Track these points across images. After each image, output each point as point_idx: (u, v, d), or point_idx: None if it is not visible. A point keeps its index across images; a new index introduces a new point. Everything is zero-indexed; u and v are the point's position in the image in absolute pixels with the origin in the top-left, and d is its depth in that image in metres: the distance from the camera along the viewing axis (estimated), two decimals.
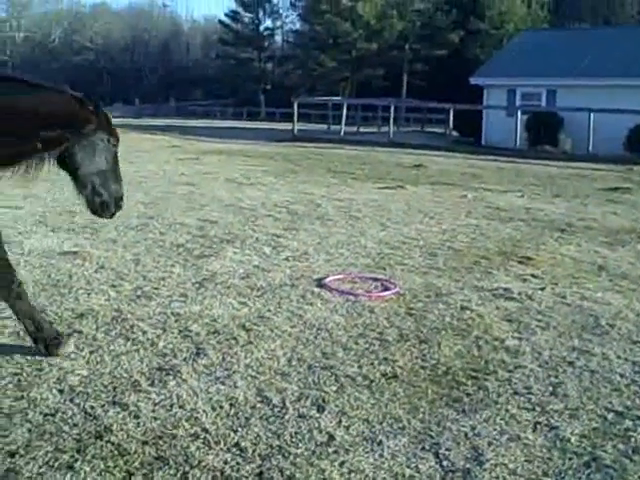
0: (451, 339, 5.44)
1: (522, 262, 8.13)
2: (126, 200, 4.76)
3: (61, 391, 4.21)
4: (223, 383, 4.43)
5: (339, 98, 43.09)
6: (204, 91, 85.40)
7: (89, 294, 6.13)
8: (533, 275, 7.55)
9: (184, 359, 4.79)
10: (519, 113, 29.45)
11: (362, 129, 39.21)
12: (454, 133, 33.99)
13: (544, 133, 29.21)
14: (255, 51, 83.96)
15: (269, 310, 5.95)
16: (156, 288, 6.39)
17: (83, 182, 4.46)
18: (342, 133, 32.72)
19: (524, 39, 39.59)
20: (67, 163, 4.44)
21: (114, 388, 4.28)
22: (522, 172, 20.01)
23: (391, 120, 31.57)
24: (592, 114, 26.82)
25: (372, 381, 4.58)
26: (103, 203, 4.52)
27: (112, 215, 4.69)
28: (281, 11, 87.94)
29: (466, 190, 14.68)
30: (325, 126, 40.26)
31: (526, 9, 66.10)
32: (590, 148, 26.56)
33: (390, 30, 72.80)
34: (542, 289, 6.97)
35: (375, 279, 7.11)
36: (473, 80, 34.71)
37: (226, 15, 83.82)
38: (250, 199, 11.85)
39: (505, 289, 6.89)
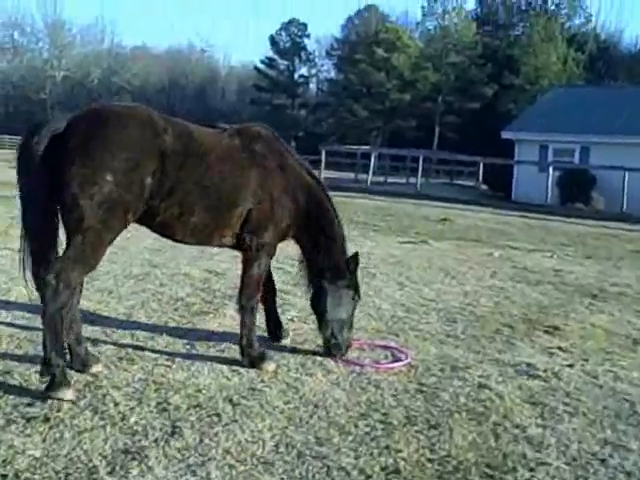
0: (465, 425, 4.78)
1: (549, 332, 7.46)
2: (132, 246, 4.37)
3: (4, 477, 3.63)
4: (194, 473, 3.81)
5: (368, 147, 42.88)
6: None
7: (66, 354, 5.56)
8: (560, 348, 6.87)
9: (155, 440, 4.19)
10: (551, 169, 28.83)
11: (390, 179, 38.83)
12: (484, 187, 33.42)
13: (576, 191, 28.54)
14: (289, 98, 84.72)
15: (262, 381, 5.34)
16: (142, 349, 5.81)
17: (326, 325, 5.95)
18: (369, 183, 32.33)
19: (558, 94, 39.16)
20: (316, 304, 6.02)
21: (66, 476, 3.69)
22: (552, 230, 19.32)
23: (419, 171, 31.15)
24: (627, 173, 26.11)
25: (369, 477, 3.94)
26: (337, 346, 5.92)
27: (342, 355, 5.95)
28: (317, 59, 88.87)
29: (493, 248, 14.04)
30: (353, 175, 39.92)
31: (561, 65, 65.92)
32: (624, 207, 25.79)
33: (424, 82, 73.04)
34: (570, 366, 6.29)
35: (385, 347, 6.48)
36: (504, 134, 34.22)
37: (262, 62, 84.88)
38: None
39: (529, 364, 6.22)
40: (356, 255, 6.06)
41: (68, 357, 5.17)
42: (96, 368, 5.19)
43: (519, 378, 5.85)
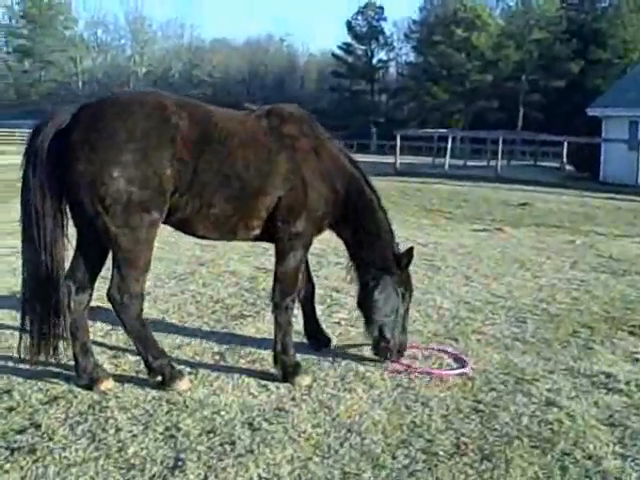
0: (526, 454, 4.00)
1: (634, 333, 6.54)
2: (182, 242, 4.12)
3: None
4: None
5: (445, 130, 41.55)
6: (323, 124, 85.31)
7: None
8: None
9: (152, 476, 3.59)
10: None
11: (470, 163, 37.48)
12: (569, 168, 31.72)
13: None
14: (368, 84, 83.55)
15: (293, 398, 4.68)
16: None
17: (373, 324, 5.29)
18: (446, 167, 31.18)
19: None
20: (364, 303, 5.34)
21: None
22: None
23: (499, 154, 29.75)
24: None
25: None
26: (387, 349, 5.27)
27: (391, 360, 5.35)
28: (395, 43, 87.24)
29: (575, 234, 12.96)
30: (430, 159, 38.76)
31: None
32: None
33: (506, 61, 70.65)
34: None
35: (444, 351, 5.73)
36: (590, 111, 32.35)
37: (339, 48, 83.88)
38: (322, 242, 10.58)
39: (608, 375, 5.35)
40: (410, 250, 5.40)
41: (74, 371, 4.68)
42: (105, 385, 4.65)
43: (596, 392, 5.00)
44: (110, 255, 4.58)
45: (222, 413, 4.38)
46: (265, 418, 4.34)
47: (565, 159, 29.98)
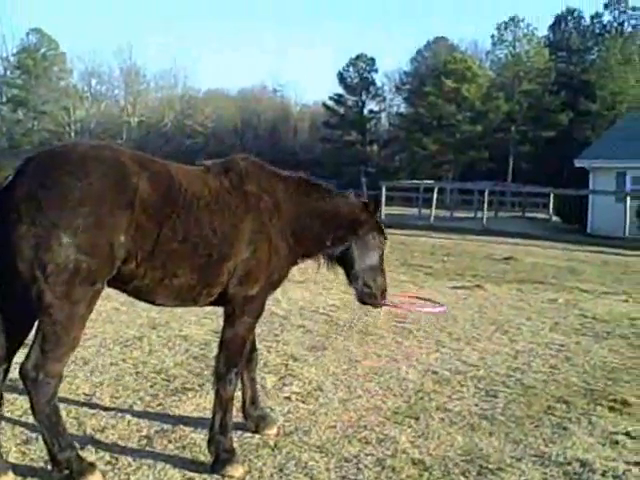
0: None
1: (614, 408, 5.99)
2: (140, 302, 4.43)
3: None
4: None
5: (431, 182, 41.12)
6: (310, 174, 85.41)
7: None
8: (628, 434, 5.40)
9: None
10: (629, 199, 26.69)
11: (458, 214, 37.10)
12: (556, 219, 31.33)
13: None
14: (359, 134, 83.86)
15: None
16: (82, 448, 4.58)
17: (355, 276, 5.04)
18: (432, 219, 30.73)
19: (635, 119, 36.81)
20: (343, 259, 5.05)
21: None
22: (630, 267, 17.41)
23: (484, 205, 29.40)
24: None
25: None
26: (371, 295, 5.13)
27: (377, 305, 5.39)
28: (386, 94, 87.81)
29: (558, 291, 12.43)
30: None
31: None
32: None
33: (496, 112, 71.04)
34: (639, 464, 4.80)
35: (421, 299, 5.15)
36: (578, 162, 32.11)
37: (330, 98, 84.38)
38: (290, 302, 10.04)
39: (583, 463, 4.78)
40: (375, 198, 5.35)
41: None
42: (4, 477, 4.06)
43: None
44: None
45: None
46: None
47: (552, 211, 29.62)
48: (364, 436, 5.10)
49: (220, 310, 8.69)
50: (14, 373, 4.09)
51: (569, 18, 79.15)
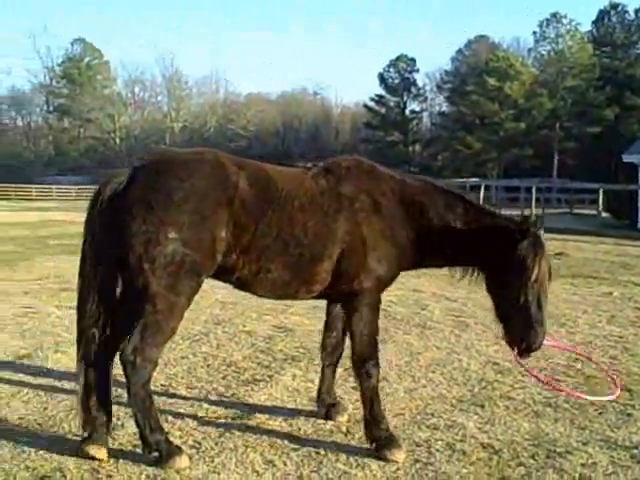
0: None
1: None
2: (203, 299, 4.03)
3: None
4: None
5: (477, 179, 40.97)
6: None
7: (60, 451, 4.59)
8: None
9: None
10: None
11: (505, 211, 36.83)
12: (605, 215, 30.96)
13: None
14: (401, 134, 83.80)
15: (300, 476, 4.29)
16: (166, 432, 4.83)
17: (499, 318, 4.84)
18: None
19: None
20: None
21: None
22: None
23: (533, 202, 29.17)
24: None
25: None
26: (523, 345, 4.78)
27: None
28: (427, 94, 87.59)
29: (612, 285, 12.40)
30: None
31: None
32: None
33: (539, 109, 70.41)
34: None
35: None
36: (626, 157, 31.70)
37: (371, 99, 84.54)
38: None
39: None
40: (527, 218, 4.88)
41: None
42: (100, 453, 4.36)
43: (636, 468, 4.53)
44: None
45: None
46: None
47: (601, 206, 29.31)
48: (432, 423, 5.27)
49: (280, 306, 9.00)
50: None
51: (612, 12, 78.03)
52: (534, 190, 29.70)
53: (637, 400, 5.91)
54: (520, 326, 4.65)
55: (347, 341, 4.98)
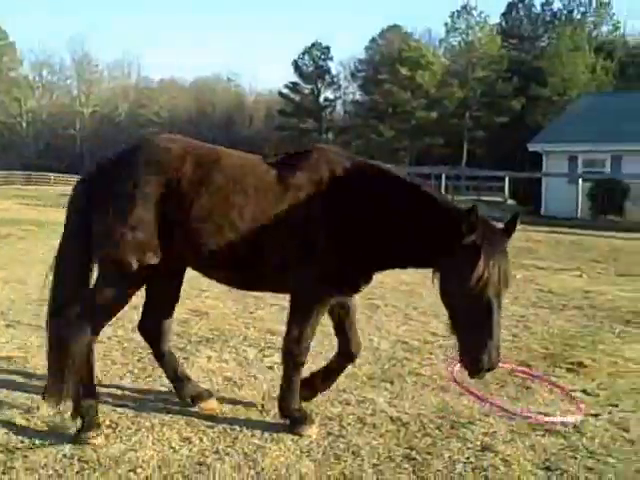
0: None
1: (572, 369, 6.46)
2: None
3: None
4: None
5: (389, 166, 41.61)
6: None
7: None
8: (585, 391, 5.87)
9: None
10: (580, 181, 27.58)
11: None
12: (511, 202, 32.12)
13: (608, 202, 27.13)
14: (315, 122, 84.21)
15: (216, 451, 4.42)
16: None
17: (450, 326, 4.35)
18: None
19: (587, 103, 37.84)
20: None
21: None
22: (583, 245, 18.15)
23: (442, 189, 29.93)
24: None
25: None
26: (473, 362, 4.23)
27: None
28: (341, 82, 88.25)
29: (516, 269, 12.95)
30: None
31: (590, 74, 64.41)
32: None
33: (450, 98, 72.01)
34: (596, 415, 5.28)
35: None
36: (531, 147, 32.99)
37: (286, 87, 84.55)
38: None
39: (545, 415, 5.21)
40: (472, 210, 4.03)
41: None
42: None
43: (532, 435, 4.86)
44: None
45: (139, 470, 4.10)
46: (184, 475, 4.07)
47: (507, 194, 30.39)
48: (344, 398, 5.48)
49: (196, 290, 9.02)
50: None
51: (520, 6, 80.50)
52: (444, 177, 30.53)
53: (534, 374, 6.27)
54: (467, 341, 4.12)
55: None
